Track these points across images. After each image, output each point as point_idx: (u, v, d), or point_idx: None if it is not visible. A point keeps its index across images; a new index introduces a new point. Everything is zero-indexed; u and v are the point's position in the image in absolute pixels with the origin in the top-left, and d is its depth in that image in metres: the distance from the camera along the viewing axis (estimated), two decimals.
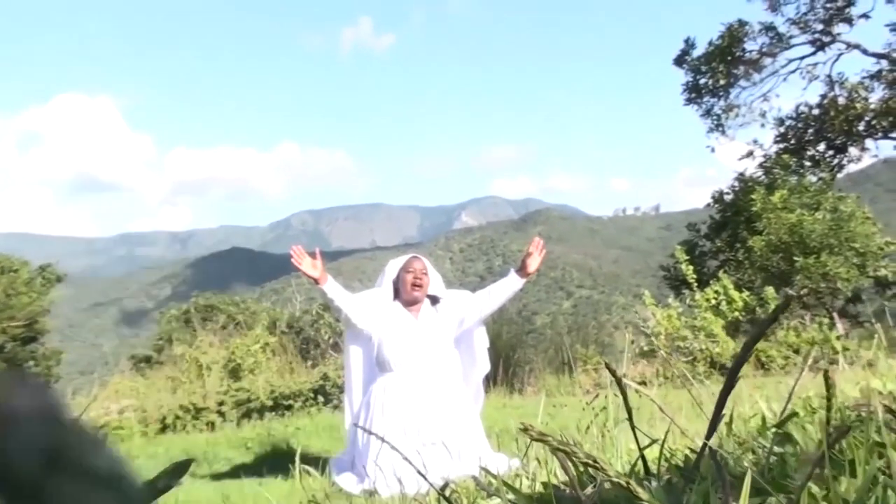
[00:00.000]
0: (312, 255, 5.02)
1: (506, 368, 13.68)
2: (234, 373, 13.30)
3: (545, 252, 5.36)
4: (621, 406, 1.67)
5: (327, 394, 11.72)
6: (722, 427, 1.93)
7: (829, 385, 1.39)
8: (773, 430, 1.79)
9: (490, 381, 12.13)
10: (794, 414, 1.81)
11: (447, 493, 1.68)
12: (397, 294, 5.25)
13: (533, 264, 5.27)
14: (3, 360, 24.68)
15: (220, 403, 11.54)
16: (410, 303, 5.21)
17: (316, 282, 4.97)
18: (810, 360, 11.46)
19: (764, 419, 2.20)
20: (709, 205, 22.01)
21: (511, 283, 5.31)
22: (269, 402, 11.59)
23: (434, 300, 5.29)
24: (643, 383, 13.21)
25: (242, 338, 14.33)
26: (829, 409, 1.41)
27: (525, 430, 1.25)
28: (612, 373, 1.48)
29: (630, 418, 1.64)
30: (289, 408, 11.55)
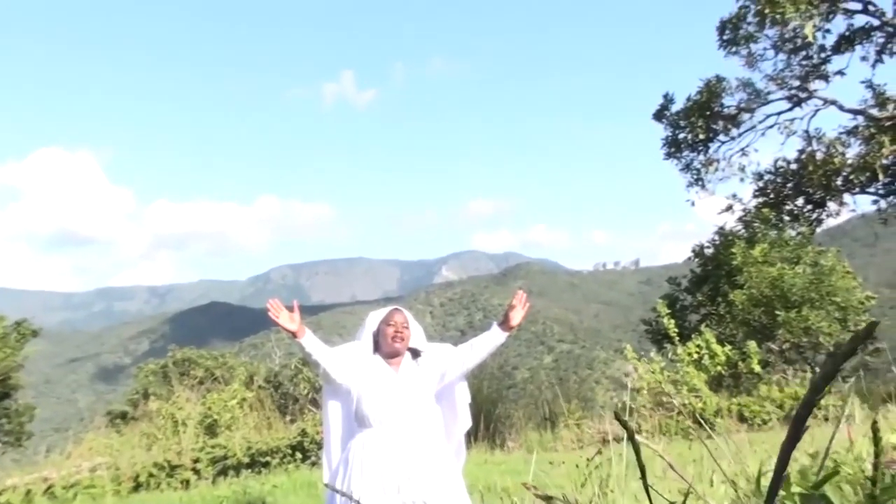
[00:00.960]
0: (290, 308, 4.90)
1: (487, 424, 13.54)
2: (211, 429, 13.08)
3: (528, 305, 5.27)
4: (616, 462, 1.57)
5: (305, 450, 11.54)
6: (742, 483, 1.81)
7: (877, 439, 1.24)
8: (805, 491, 1.64)
9: (471, 436, 11.98)
10: (835, 473, 1.66)
11: None
12: (377, 347, 5.13)
13: (516, 317, 5.18)
14: None
15: (196, 460, 11.32)
16: (391, 356, 5.08)
17: (294, 335, 4.84)
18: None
19: (788, 478, 2.07)
20: (689, 258, 22.08)
21: (494, 337, 5.20)
22: (246, 459, 11.39)
23: (415, 353, 5.18)
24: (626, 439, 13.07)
25: (219, 393, 14.13)
26: (876, 467, 1.27)
27: (527, 488, 1.14)
28: (624, 424, 1.35)
29: (643, 477, 1.52)
30: (266, 465, 11.35)
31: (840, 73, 21.46)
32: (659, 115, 23.16)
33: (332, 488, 4.72)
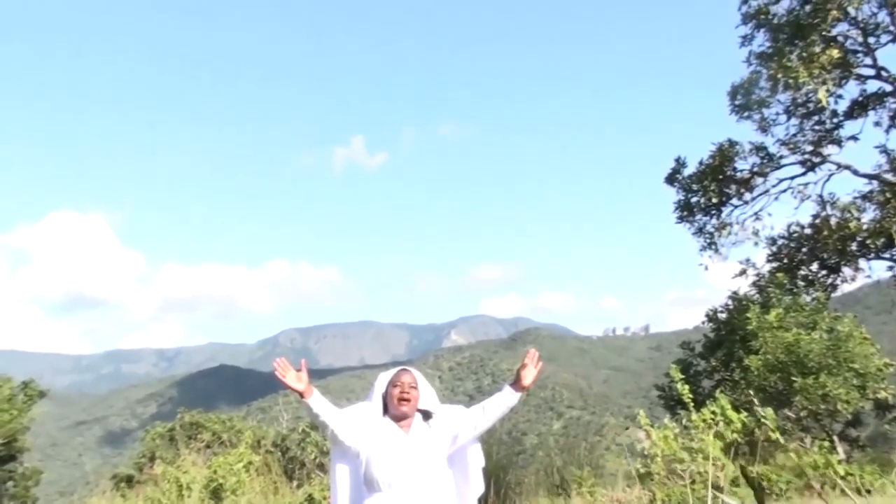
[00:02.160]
0: (297, 368, 4.79)
1: (497, 490, 13.27)
2: (216, 493, 12.85)
3: (541, 365, 5.15)
4: None
5: None
6: None
7: None
8: None
9: (482, 503, 11.75)
10: None
11: None
12: (387, 409, 5.00)
13: (528, 377, 5.05)
14: None
15: None
16: (399, 418, 4.95)
17: (301, 395, 4.72)
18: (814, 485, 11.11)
19: None
20: (703, 323, 21.91)
21: (506, 398, 5.07)
22: None
23: (426, 415, 5.04)
24: None
25: (226, 456, 13.93)
26: None
27: None
28: (750, 481, 1.21)
29: None
30: None
31: (853, 138, 21.55)
32: (671, 179, 23.21)
33: None
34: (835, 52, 19.74)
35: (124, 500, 13.90)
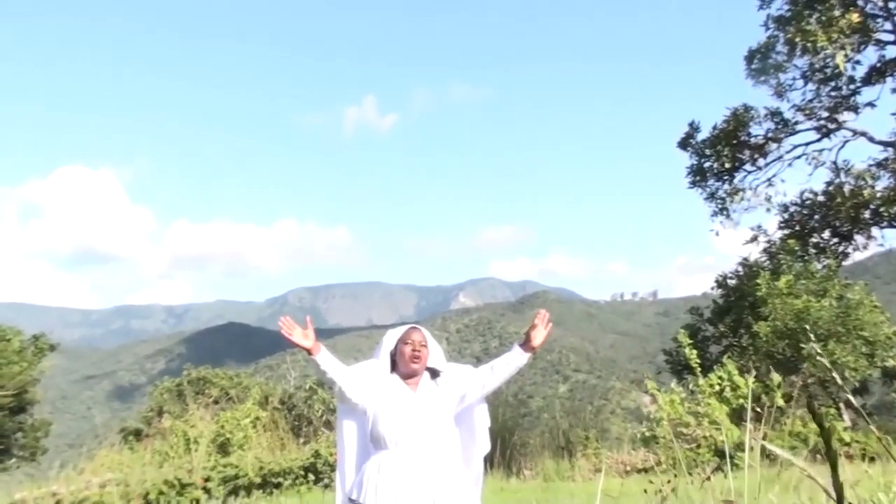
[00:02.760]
0: (303, 326, 4.76)
1: (503, 451, 13.35)
2: (223, 447, 12.94)
3: (550, 326, 5.11)
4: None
5: (318, 472, 11.38)
6: None
7: None
8: None
9: (487, 463, 11.81)
10: None
11: None
12: (395, 366, 4.97)
13: (538, 337, 5.00)
14: None
15: (207, 479, 11.16)
16: (408, 376, 4.91)
17: (309, 352, 4.69)
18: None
19: None
20: (712, 289, 21.89)
21: (515, 358, 5.03)
22: (258, 480, 11.23)
23: (434, 373, 5.01)
24: (645, 470, 12.84)
25: (233, 411, 14.01)
26: None
27: None
28: (819, 421, 1.17)
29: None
30: (278, 486, 11.20)
31: (870, 104, 21.29)
32: (684, 144, 23.01)
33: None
34: (854, 17, 19.46)
35: (133, 452, 13.97)
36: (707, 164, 22.58)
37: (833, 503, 1.25)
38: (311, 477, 11.38)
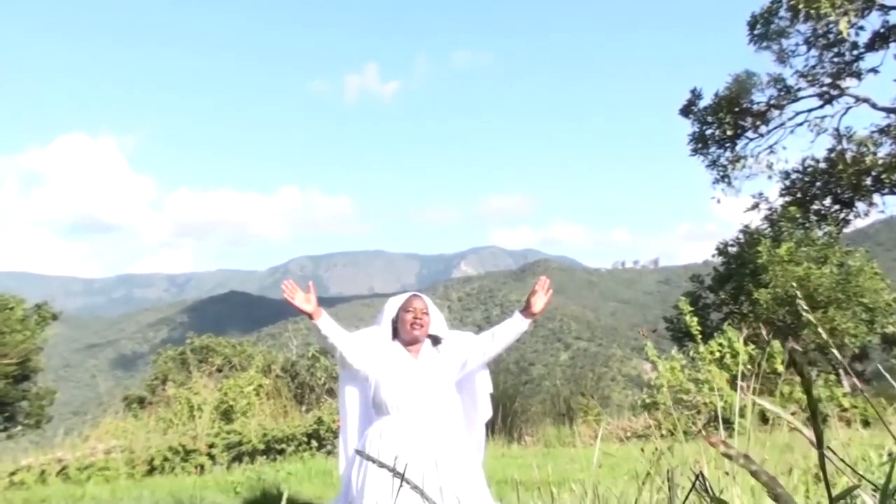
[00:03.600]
0: (306, 290, 4.78)
1: (504, 418, 13.44)
2: (227, 415, 13.04)
3: (551, 292, 5.14)
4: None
5: (321, 438, 11.47)
6: None
7: None
8: None
9: (488, 429, 11.90)
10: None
11: None
12: (396, 334, 5.01)
13: (538, 303, 5.04)
14: None
15: (211, 446, 11.27)
16: (410, 343, 4.96)
17: (310, 317, 4.72)
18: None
19: None
20: (713, 256, 21.90)
21: (516, 325, 5.07)
22: (261, 446, 11.32)
23: (436, 340, 5.05)
24: (645, 436, 12.93)
25: (236, 379, 14.09)
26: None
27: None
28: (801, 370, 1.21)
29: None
30: (281, 452, 11.30)
31: (874, 70, 21.14)
32: (686, 111, 22.92)
33: (365, 456, 4.61)
34: None
35: (137, 420, 14.08)
36: (709, 132, 22.49)
37: (824, 460, 1.29)
38: (314, 443, 11.48)
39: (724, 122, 21.95)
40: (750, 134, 22.50)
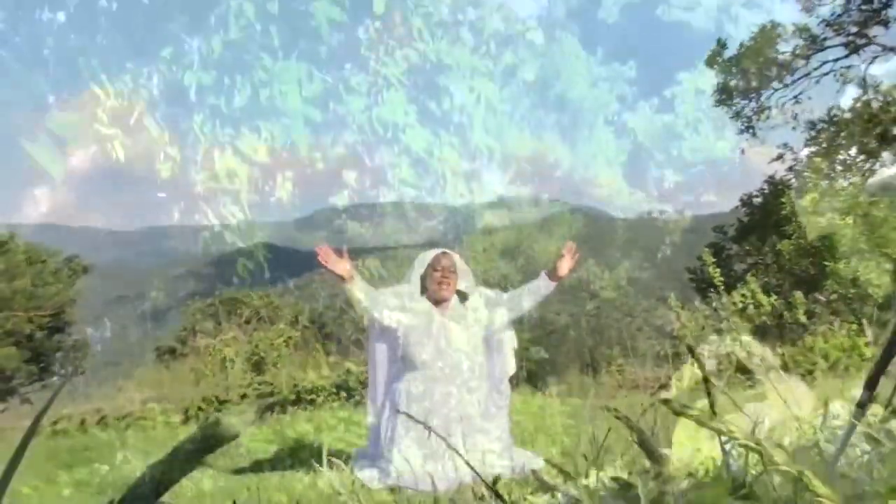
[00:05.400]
0: (339, 252, 4.90)
1: (528, 367, 13.61)
2: (257, 366, 13.28)
3: (577, 256, 5.25)
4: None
5: (350, 389, 11.66)
6: None
7: None
8: None
9: (513, 379, 12.08)
10: None
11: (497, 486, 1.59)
12: (424, 290, 5.15)
13: (564, 267, 5.18)
14: (30, 350, 24.78)
15: (243, 396, 11.54)
16: (438, 300, 5.10)
17: (343, 279, 4.85)
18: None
19: None
20: (737, 207, 21.77)
21: (541, 286, 5.21)
22: (292, 396, 11.55)
23: (463, 297, 5.19)
24: (664, 387, 13.08)
25: (266, 331, 14.32)
26: None
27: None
28: None
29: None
30: (311, 402, 11.50)
31: None
32: (711, 61, 22.66)
33: (398, 411, 4.77)
34: None
35: (168, 370, 14.39)
36: (733, 83, 22.25)
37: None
38: (343, 394, 11.68)
39: (748, 73, 21.68)
40: (775, 84, 22.18)
